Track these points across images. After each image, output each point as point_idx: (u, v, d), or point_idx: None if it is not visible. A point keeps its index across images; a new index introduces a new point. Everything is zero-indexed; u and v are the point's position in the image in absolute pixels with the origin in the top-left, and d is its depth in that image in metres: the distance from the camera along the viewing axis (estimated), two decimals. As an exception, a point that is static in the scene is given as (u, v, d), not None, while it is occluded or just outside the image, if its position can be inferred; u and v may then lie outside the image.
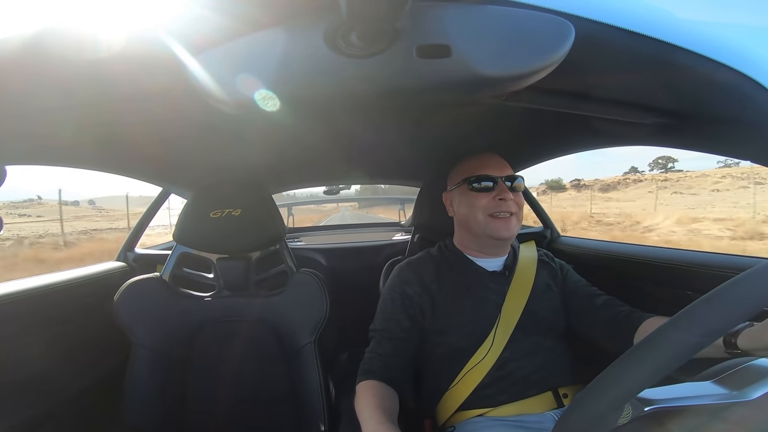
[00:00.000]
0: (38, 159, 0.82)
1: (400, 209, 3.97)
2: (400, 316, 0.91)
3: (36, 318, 0.98)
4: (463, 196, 0.95)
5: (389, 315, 0.92)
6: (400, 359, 0.88)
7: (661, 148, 2.56)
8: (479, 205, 0.91)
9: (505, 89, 0.36)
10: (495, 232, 0.90)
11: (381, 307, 0.95)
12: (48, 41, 0.36)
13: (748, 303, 0.34)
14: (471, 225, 0.94)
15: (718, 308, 0.35)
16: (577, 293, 0.95)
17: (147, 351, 1.02)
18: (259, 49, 0.33)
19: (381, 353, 0.88)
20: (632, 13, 0.41)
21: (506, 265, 0.97)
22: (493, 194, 0.91)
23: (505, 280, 0.93)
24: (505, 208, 0.90)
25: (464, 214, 0.96)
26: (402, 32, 0.32)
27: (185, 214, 1.04)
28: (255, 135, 0.98)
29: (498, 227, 0.90)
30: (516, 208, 0.91)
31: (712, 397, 0.39)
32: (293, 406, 1.07)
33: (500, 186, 0.91)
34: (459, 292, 0.91)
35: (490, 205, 0.90)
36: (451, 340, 0.88)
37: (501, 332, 0.86)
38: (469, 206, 0.93)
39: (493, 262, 0.96)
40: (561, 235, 1.68)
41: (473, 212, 0.92)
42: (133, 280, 1.05)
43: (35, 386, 0.94)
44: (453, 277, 0.93)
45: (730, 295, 0.35)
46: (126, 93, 0.47)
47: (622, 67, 0.47)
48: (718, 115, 0.56)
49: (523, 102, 0.57)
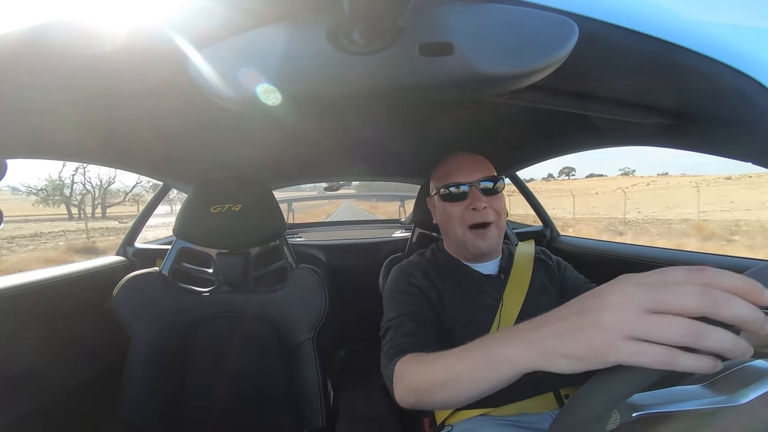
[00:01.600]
0: (39, 153, 0.81)
1: (400, 206, 3.97)
2: (415, 301, 0.84)
3: (36, 312, 0.98)
4: (439, 204, 0.92)
5: (403, 303, 0.84)
6: (430, 335, 0.77)
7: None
8: (455, 214, 0.87)
9: (507, 87, 0.35)
10: (472, 246, 0.87)
11: (390, 301, 0.87)
12: (50, 35, 0.35)
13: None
14: (451, 235, 0.91)
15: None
16: (576, 290, 0.92)
17: (145, 346, 1.02)
18: (261, 46, 0.33)
19: (407, 332, 0.76)
20: (635, 12, 0.41)
21: (501, 267, 0.94)
22: (466, 203, 0.86)
23: (500, 283, 0.91)
24: (480, 218, 0.85)
25: (444, 224, 0.93)
26: (404, 30, 0.32)
27: (185, 209, 1.04)
28: (256, 131, 0.98)
29: (474, 241, 0.86)
30: (494, 215, 0.86)
31: (701, 402, 0.39)
32: (291, 403, 1.07)
33: (473, 193, 0.85)
34: (458, 294, 0.89)
35: (466, 215, 0.86)
36: (453, 341, 0.87)
37: None
38: (446, 215, 0.90)
39: (487, 266, 0.94)
40: (561, 235, 1.68)
41: (451, 223, 0.89)
42: (132, 275, 1.06)
43: (34, 380, 0.94)
44: (451, 280, 0.91)
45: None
46: (128, 88, 0.47)
47: (625, 67, 0.47)
48: (720, 116, 0.56)
49: (524, 100, 0.57)
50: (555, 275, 0.97)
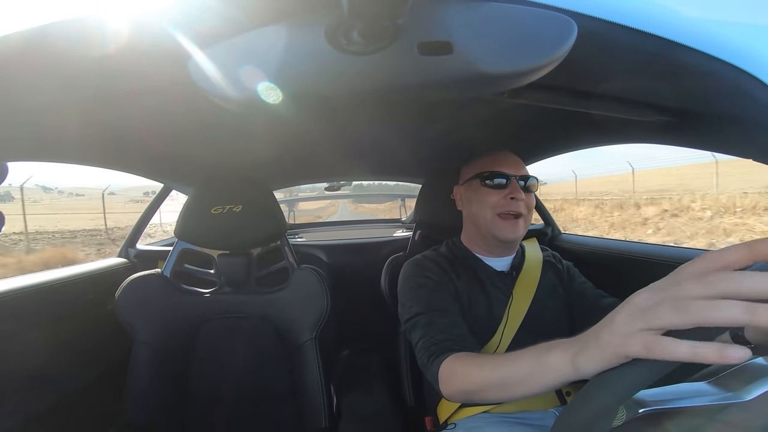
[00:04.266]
0: (39, 156, 0.82)
1: (401, 206, 3.97)
2: (438, 294, 0.85)
3: (38, 314, 0.99)
4: (474, 192, 0.94)
5: (426, 297, 0.85)
6: (463, 329, 0.79)
7: (660, 146, 2.55)
8: (489, 202, 0.90)
9: (507, 86, 0.35)
10: (500, 233, 0.89)
11: (410, 295, 0.87)
12: (49, 36, 0.35)
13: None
14: (478, 222, 0.93)
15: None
16: (583, 294, 0.94)
17: (148, 347, 1.02)
18: (260, 46, 0.33)
19: (441, 328, 0.77)
20: (635, 10, 0.40)
21: (513, 265, 0.96)
22: (505, 192, 0.89)
23: (511, 280, 0.93)
24: (514, 207, 0.88)
25: (473, 211, 0.95)
26: (404, 29, 0.32)
27: (186, 210, 1.04)
28: (256, 132, 0.98)
29: (504, 228, 0.89)
30: (525, 209, 0.90)
31: (708, 398, 0.39)
32: (294, 403, 1.07)
33: (513, 184, 0.89)
34: (472, 287, 0.90)
35: (500, 203, 0.89)
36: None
37: (507, 333, 0.86)
38: (479, 203, 0.92)
39: (501, 262, 0.96)
40: (562, 233, 1.68)
41: (482, 209, 0.91)
42: (134, 277, 1.06)
43: (37, 383, 0.95)
44: (465, 273, 0.92)
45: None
46: (126, 89, 0.47)
47: (625, 65, 0.47)
48: (721, 113, 0.56)
49: (525, 99, 0.57)
50: (563, 279, 0.98)
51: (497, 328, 0.87)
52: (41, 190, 35.63)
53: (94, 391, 1.09)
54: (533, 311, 0.89)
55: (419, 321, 0.81)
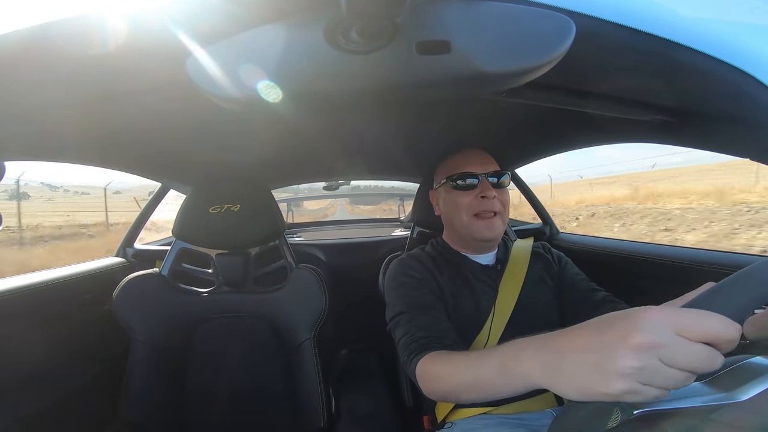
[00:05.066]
0: (37, 155, 0.81)
1: (399, 205, 3.97)
2: (420, 292, 0.86)
3: (36, 314, 0.98)
4: (447, 195, 0.94)
5: (408, 295, 0.85)
6: (445, 327, 0.79)
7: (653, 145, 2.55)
8: (462, 203, 0.90)
9: (505, 85, 0.35)
10: (478, 232, 0.89)
11: (394, 294, 0.88)
12: (47, 35, 0.35)
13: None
14: (455, 224, 0.94)
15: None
16: (575, 286, 0.94)
17: (145, 347, 1.02)
18: (258, 45, 0.33)
19: (421, 325, 0.77)
20: (633, 10, 0.41)
21: (498, 258, 0.97)
22: (476, 192, 0.89)
23: (497, 273, 0.93)
24: (488, 206, 0.88)
25: (448, 213, 0.95)
26: (402, 28, 0.32)
27: (184, 210, 1.04)
28: (255, 131, 0.97)
29: (480, 227, 0.89)
30: (500, 206, 0.89)
31: (703, 399, 0.39)
32: (291, 402, 1.07)
33: (483, 183, 0.89)
34: (456, 283, 0.91)
35: (473, 203, 0.89)
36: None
37: (496, 326, 0.86)
38: (453, 205, 0.92)
39: (485, 257, 0.96)
40: (560, 232, 1.68)
41: (457, 211, 0.91)
42: (132, 276, 1.05)
43: (35, 383, 0.94)
44: (450, 270, 0.93)
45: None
46: (124, 88, 0.47)
47: (623, 64, 0.47)
48: (719, 113, 0.56)
49: (523, 98, 0.57)
50: (553, 269, 0.98)
51: (485, 322, 0.87)
52: (47, 188, 35.53)
53: (92, 391, 1.09)
54: (522, 303, 0.89)
55: (401, 319, 0.81)
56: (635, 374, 0.35)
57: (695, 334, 0.35)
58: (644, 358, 0.35)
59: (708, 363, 0.35)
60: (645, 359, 0.35)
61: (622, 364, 0.36)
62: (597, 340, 0.39)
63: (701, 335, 0.35)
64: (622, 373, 0.36)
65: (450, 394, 0.63)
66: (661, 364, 0.35)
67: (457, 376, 0.60)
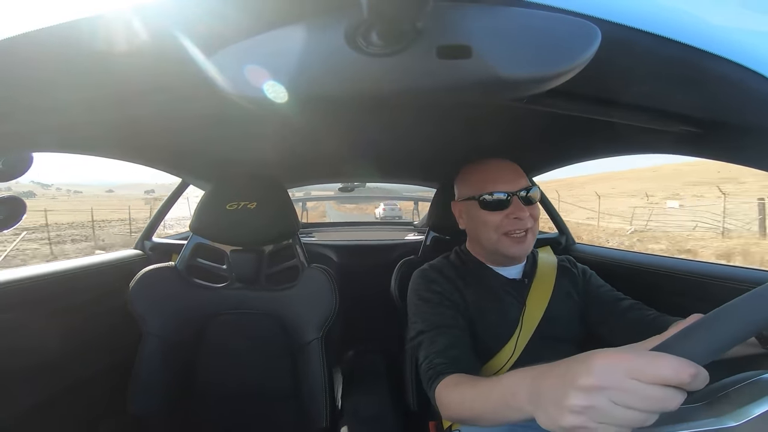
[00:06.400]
0: (63, 147, 0.84)
1: (414, 209, 3.97)
2: (441, 309, 0.84)
3: (53, 303, 1.01)
4: (474, 212, 0.89)
5: (429, 313, 0.84)
6: (462, 350, 0.78)
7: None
8: (492, 223, 0.86)
9: (526, 92, 0.35)
10: (507, 251, 0.86)
11: (414, 311, 0.87)
12: (75, 33, 0.36)
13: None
14: (482, 241, 0.90)
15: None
16: (601, 298, 0.92)
17: (157, 339, 1.04)
18: (279, 46, 0.33)
19: (439, 350, 0.77)
20: (661, 17, 0.39)
21: (525, 272, 0.94)
22: (507, 212, 0.84)
23: (524, 287, 0.91)
24: (520, 226, 0.84)
25: (475, 230, 0.91)
26: (423, 32, 0.32)
27: (202, 205, 1.06)
28: (273, 130, 0.99)
29: (510, 247, 0.85)
30: (532, 222, 0.86)
31: (698, 423, 0.38)
32: (296, 401, 1.08)
33: (515, 204, 0.84)
34: (482, 296, 0.88)
35: (504, 223, 0.85)
36: (475, 343, 0.85)
37: (521, 340, 0.85)
38: (481, 223, 0.88)
39: (512, 270, 0.94)
40: (577, 243, 1.65)
41: (485, 231, 0.87)
42: (148, 269, 1.08)
43: (48, 370, 0.97)
44: (475, 282, 0.90)
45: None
46: (148, 86, 0.48)
47: (649, 73, 0.46)
48: (749, 125, 0.54)
49: (543, 106, 0.56)
50: (579, 284, 0.96)
51: (511, 337, 0.85)
52: (39, 186, 36.55)
53: (103, 381, 1.11)
54: (548, 317, 0.87)
55: (423, 341, 0.81)
56: (585, 412, 0.38)
57: (647, 377, 0.35)
58: (592, 398, 0.38)
59: (661, 405, 0.36)
60: (593, 399, 0.37)
61: (572, 403, 0.39)
62: (559, 379, 0.42)
63: (653, 378, 0.35)
64: (572, 410, 0.39)
65: (464, 421, 0.67)
66: (612, 404, 0.37)
67: (467, 406, 0.63)
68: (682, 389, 0.35)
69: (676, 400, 0.35)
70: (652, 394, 0.35)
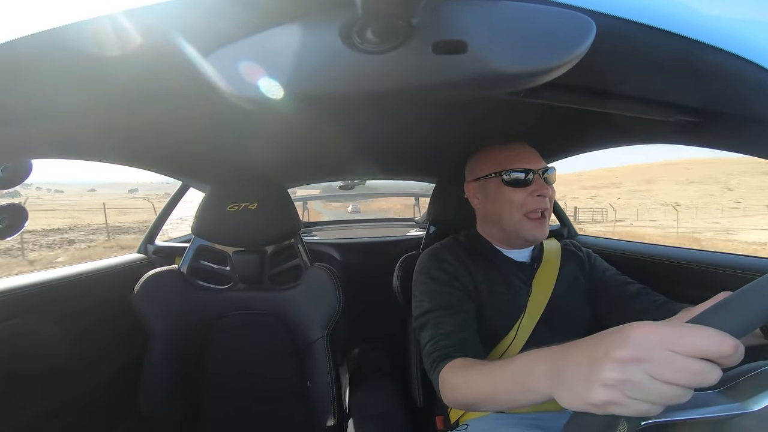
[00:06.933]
0: (62, 153, 0.84)
1: (414, 205, 3.96)
2: (450, 290, 0.83)
3: (58, 308, 1.02)
4: (495, 190, 0.89)
5: (437, 292, 0.83)
6: (470, 333, 0.78)
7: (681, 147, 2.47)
8: (515, 201, 0.86)
9: (523, 85, 0.35)
10: (528, 233, 0.86)
11: (423, 289, 0.86)
12: (70, 37, 0.36)
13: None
14: (503, 221, 0.89)
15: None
16: (607, 282, 0.92)
17: (163, 342, 1.04)
18: (273, 45, 0.33)
19: (446, 332, 0.76)
20: (656, 9, 0.39)
21: (533, 256, 0.94)
22: (531, 189, 0.85)
23: (531, 271, 0.92)
24: (543, 204, 0.85)
25: (495, 210, 0.90)
26: (418, 28, 0.32)
27: (203, 208, 1.06)
28: (271, 130, 0.99)
29: (532, 229, 0.86)
30: (549, 203, 0.87)
31: (714, 409, 0.38)
32: (303, 400, 1.08)
33: (537, 180, 0.85)
34: (491, 278, 0.88)
35: (527, 201, 0.85)
36: (482, 324, 0.85)
37: (525, 325, 0.85)
38: (503, 202, 0.87)
39: (521, 253, 0.94)
40: (579, 234, 1.65)
41: (508, 209, 0.87)
42: (152, 272, 1.08)
43: (55, 377, 0.97)
44: (484, 264, 0.90)
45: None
46: (145, 89, 0.48)
47: (645, 65, 0.46)
48: (746, 114, 0.54)
49: (541, 98, 0.56)
50: (585, 267, 0.96)
51: (515, 322, 0.85)
52: (20, 186, 36.70)
53: (111, 385, 1.12)
54: (553, 302, 0.87)
55: (428, 320, 0.80)
56: (619, 386, 0.36)
57: (685, 349, 0.34)
58: (628, 371, 0.36)
59: (700, 379, 0.34)
60: (629, 372, 0.36)
61: (605, 376, 0.37)
62: (589, 353, 0.41)
63: (692, 350, 0.34)
64: (605, 384, 0.37)
65: (469, 405, 0.65)
66: (649, 378, 0.35)
67: (474, 388, 0.61)
68: (718, 364, 0.35)
69: (714, 375, 0.34)
70: (691, 367, 0.34)
